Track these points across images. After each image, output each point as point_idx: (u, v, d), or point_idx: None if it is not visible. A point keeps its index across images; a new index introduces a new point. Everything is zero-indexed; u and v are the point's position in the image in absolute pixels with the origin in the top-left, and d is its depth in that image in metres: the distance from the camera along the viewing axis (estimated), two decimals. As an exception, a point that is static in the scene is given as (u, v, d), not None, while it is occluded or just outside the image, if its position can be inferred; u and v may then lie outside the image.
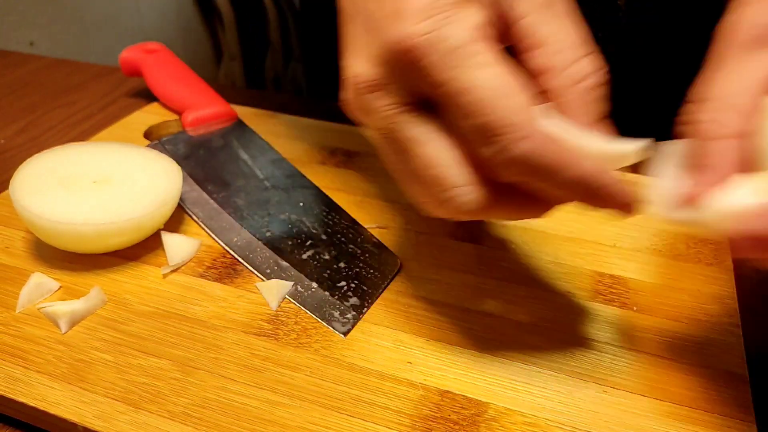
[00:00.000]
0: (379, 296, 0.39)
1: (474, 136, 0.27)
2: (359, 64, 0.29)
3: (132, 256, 0.42)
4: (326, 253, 0.43)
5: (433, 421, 0.32)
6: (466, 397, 0.33)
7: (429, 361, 0.35)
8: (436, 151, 0.28)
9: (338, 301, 0.39)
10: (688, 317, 0.38)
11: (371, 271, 0.41)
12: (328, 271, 0.41)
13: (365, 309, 0.38)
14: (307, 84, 0.87)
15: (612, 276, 0.42)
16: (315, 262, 0.42)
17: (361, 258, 0.42)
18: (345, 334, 0.37)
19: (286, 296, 0.39)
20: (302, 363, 0.35)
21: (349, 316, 0.38)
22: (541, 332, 0.37)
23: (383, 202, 0.48)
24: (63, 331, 0.36)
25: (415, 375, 0.34)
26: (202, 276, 0.41)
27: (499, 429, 0.32)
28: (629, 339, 0.37)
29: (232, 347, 0.36)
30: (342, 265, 0.42)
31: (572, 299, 0.40)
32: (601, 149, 0.29)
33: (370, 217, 0.47)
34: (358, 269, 0.41)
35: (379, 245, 0.43)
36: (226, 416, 0.32)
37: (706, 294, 0.40)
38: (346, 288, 0.40)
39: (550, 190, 0.28)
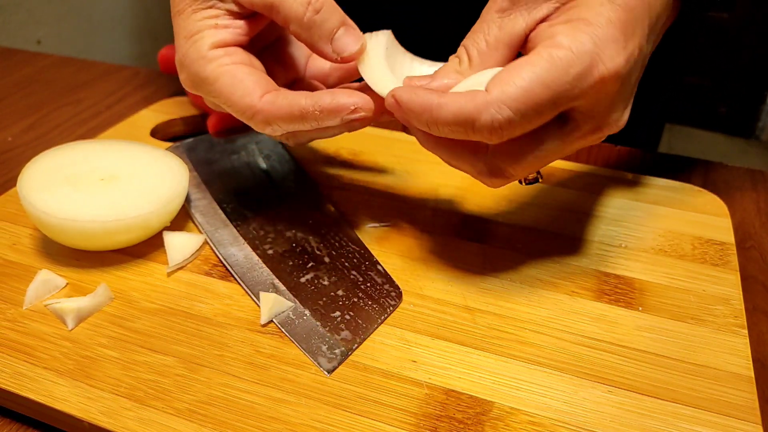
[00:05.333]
0: (373, 331, 0.37)
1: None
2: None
3: (138, 253, 0.42)
4: (326, 278, 0.40)
5: (437, 420, 0.32)
6: (471, 396, 0.33)
7: (434, 360, 0.35)
8: None
9: (328, 333, 0.36)
10: (694, 318, 0.38)
11: (369, 302, 0.39)
12: (324, 299, 0.39)
13: (356, 345, 0.36)
14: None
15: (617, 276, 0.41)
16: (312, 287, 0.40)
17: (362, 287, 0.40)
18: (330, 372, 0.34)
19: (275, 321, 0.37)
20: (307, 361, 0.35)
21: (337, 351, 0.35)
22: (546, 332, 0.37)
23: (388, 200, 0.48)
24: (69, 328, 0.37)
25: (420, 374, 0.34)
26: (207, 274, 0.41)
27: (503, 428, 0.32)
28: (634, 339, 0.37)
29: (238, 345, 0.36)
30: (340, 293, 0.39)
31: (577, 299, 0.40)
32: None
33: (374, 215, 0.47)
34: (356, 299, 0.39)
35: (384, 275, 0.41)
36: (231, 413, 0.32)
37: (711, 295, 0.40)
38: (339, 319, 0.37)
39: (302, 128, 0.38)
